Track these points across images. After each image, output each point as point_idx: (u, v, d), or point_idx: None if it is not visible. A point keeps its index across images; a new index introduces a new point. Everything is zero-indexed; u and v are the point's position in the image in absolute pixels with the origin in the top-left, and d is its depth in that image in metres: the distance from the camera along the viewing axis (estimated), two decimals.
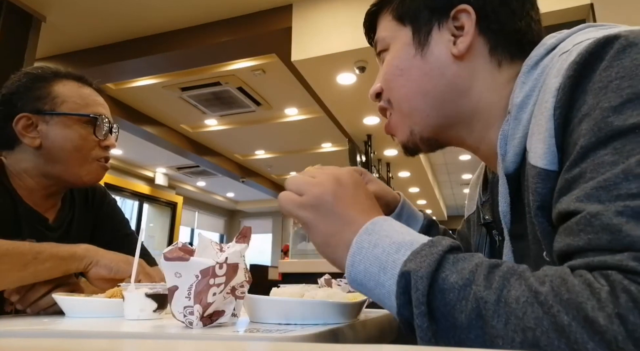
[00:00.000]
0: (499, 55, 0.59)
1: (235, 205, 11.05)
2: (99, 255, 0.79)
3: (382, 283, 0.43)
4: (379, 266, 0.44)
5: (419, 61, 0.61)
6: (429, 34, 0.61)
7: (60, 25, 3.52)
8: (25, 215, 0.91)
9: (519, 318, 0.34)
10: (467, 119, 0.60)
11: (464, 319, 0.36)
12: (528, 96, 0.51)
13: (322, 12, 3.14)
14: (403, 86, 0.62)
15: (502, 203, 0.55)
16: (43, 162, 0.92)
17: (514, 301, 0.34)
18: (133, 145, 6.26)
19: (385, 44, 0.65)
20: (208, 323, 0.51)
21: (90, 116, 0.96)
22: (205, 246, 0.53)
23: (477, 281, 0.37)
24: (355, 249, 0.46)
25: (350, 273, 0.47)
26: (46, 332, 0.53)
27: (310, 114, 5.30)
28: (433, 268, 0.39)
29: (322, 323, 0.54)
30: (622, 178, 0.36)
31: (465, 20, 0.58)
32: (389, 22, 0.65)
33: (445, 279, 0.39)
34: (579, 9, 2.56)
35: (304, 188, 0.52)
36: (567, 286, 0.33)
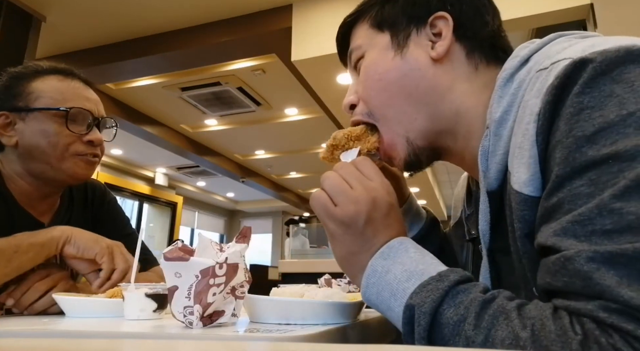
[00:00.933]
0: (476, 59, 0.60)
1: (235, 205, 11.05)
2: (72, 235, 0.79)
3: (392, 308, 0.47)
4: (390, 291, 0.47)
5: (399, 62, 0.61)
6: (407, 38, 0.61)
7: (60, 25, 3.52)
8: (19, 220, 0.90)
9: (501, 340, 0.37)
10: (450, 125, 0.60)
11: None
12: (506, 112, 0.51)
13: (322, 12, 3.14)
14: (384, 90, 0.62)
15: (482, 221, 0.55)
16: (25, 161, 0.91)
17: (499, 343, 0.37)
18: (133, 145, 6.26)
19: (361, 52, 0.65)
20: (208, 323, 0.51)
21: (61, 109, 0.90)
22: (205, 246, 0.53)
23: (468, 319, 0.40)
24: (369, 272, 0.50)
25: (365, 294, 0.50)
26: (46, 332, 0.53)
27: (310, 114, 5.30)
28: (436, 304, 0.42)
29: (322, 323, 0.54)
30: (597, 213, 0.37)
31: (442, 26, 0.60)
32: (365, 31, 0.65)
33: (442, 313, 0.42)
34: (579, 9, 2.56)
35: (340, 199, 0.53)
36: (545, 332, 0.36)
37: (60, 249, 0.78)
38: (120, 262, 0.80)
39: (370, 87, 0.63)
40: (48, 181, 0.93)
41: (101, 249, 0.79)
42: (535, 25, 2.85)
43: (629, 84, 0.39)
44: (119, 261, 0.80)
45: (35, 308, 0.74)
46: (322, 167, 0.66)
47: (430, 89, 0.60)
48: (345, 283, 0.86)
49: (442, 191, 8.72)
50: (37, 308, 0.74)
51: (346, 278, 0.85)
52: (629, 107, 0.38)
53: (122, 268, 0.79)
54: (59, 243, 0.78)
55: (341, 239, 0.53)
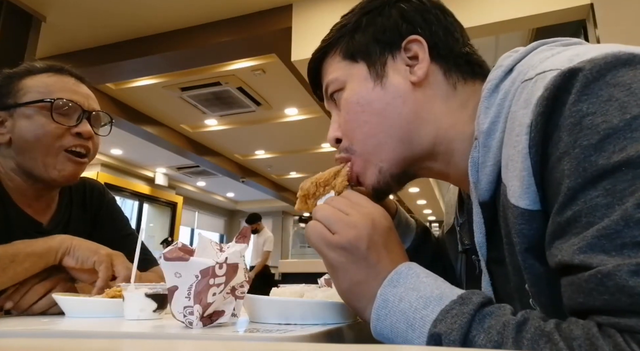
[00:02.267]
0: (454, 78, 0.60)
1: (235, 205, 11.05)
2: (71, 245, 0.79)
3: (410, 341, 0.43)
4: (406, 322, 0.44)
5: (380, 92, 0.60)
6: (384, 66, 0.61)
7: (60, 25, 3.52)
8: (16, 219, 0.89)
9: None
10: (429, 148, 0.60)
11: None
12: (494, 122, 0.50)
13: (322, 12, 3.14)
14: (366, 122, 0.60)
15: (477, 233, 0.54)
16: (17, 158, 0.91)
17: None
18: (133, 145, 6.26)
19: (339, 84, 0.63)
20: (208, 323, 0.51)
21: (45, 100, 0.90)
22: (205, 246, 0.53)
23: (505, 345, 0.37)
24: (380, 303, 0.46)
25: (376, 328, 0.46)
26: (46, 332, 0.53)
27: (310, 114, 5.30)
28: (465, 330, 0.39)
29: (322, 323, 0.54)
30: (623, 225, 0.35)
31: (417, 49, 0.59)
32: (338, 63, 0.64)
33: (473, 340, 0.39)
34: (579, 9, 2.56)
35: (338, 227, 0.51)
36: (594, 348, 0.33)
37: (59, 260, 0.78)
38: (121, 269, 0.79)
39: (353, 120, 0.62)
40: (38, 179, 0.92)
41: (99, 257, 0.78)
42: (535, 25, 2.86)
43: (626, 87, 0.39)
44: (120, 268, 0.79)
45: (34, 310, 0.74)
46: (322, 167, 0.66)
47: (413, 115, 0.59)
48: None
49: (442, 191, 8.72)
50: (36, 310, 0.74)
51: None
52: (632, 111, 0.37)
53: (123, 276, 0.78)
54: (58, 253, 0.78)
55: (344, 268, 0.50)
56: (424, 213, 12.36)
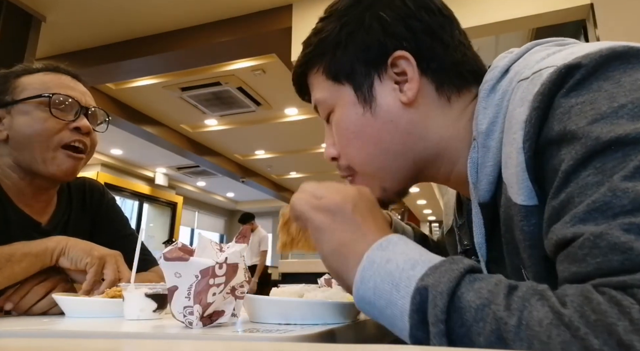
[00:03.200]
0: (447, 92, 0.57)
1: (235, 205, 11.06)
2: (67, 246, 0.79)
3: (394, 302, 0.40)
4: (391, 282, 0.41)
5: (370, 119, 0.57)
6: (371, 88, 0.58)
7: (60, 25, 3.52)
8: (15, 219, 0.89)
9: (543, 343, 0.31)
10: (431, 160, 0.59)
11: (483, 342, 0.34)
12: (493, 123, 0.50)
13: (322, 12, 3.14)
14: (360, 148, 0.59)
15: (477, 234, 0.54)
16: (14, 154, 0.91)
17: (537, 324, 0.32)
18: (133, 145, 6.26)
19: (328, 106, 0.62)
20: (208, 323, 0.51)
21: (43, 95, 0.90)
22: (204, 246, 0.53)
23: (495, 301, 0.35)
24: (366, 264, 0.43)
25: (359, 290, 0.43)
26: (46, 332, 0.53)
27: (310, 114, 5.30)
28: (454, 284, 0.37)
29: (322, 323, 0.54)
30: (611, 196, 0.35)
31: (405, 67, 0.56)
32: (323, 83, 0.61)
33: (461, 297, 0.36)
34: (579, 9, 2.56)
35: (324, 192, 0.51)
36: (592, 306, 0.31)
37: (55, 261, 0.78)
38: (110, 273, 0.78)
39: (347, 145, 0.60)
40: (36, 175, 0.92)
41: (91, 260, 0.78)
42: (535, 25, 2.86)
43: (615, 80, 0.39)
44: (108, 272, 0.78)
45: (34, 311, 0.74)
46: (322, 167, 0.67)
47: (407, 136, 0.57)
48: None
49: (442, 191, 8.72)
50: (37, 310, 0.74)
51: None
52: (620, 100, 0.38)
53: (109, 280, 0.78)
54: (54, 254, 0.77)
55: (330, 229, 0.48)
56: (424, 212, 12.35)
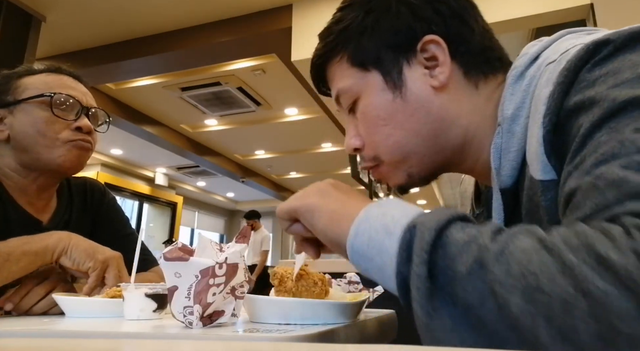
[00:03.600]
0: (474, 77, 0.57)
1: (235, 205, 11.05)
2: (70, 246, 0.77)
3: (385, 250, 0.39)
4: (385, 231, 0.39)
5: (401, 104, 0.56)
6: (400, 73, 0.56)
7: (60, 25, 3.52)
8: (16, 218, 0.89)
9: (522, 264, 0.31)
10: (459, 147, 0.58)
11: (464, 270, 0.33)
12: (519, 108, 0.50)
13: (322, 12, 3.14)
14: (390, 135, 0.57)
15: (496, 219, 0.54)
16: (16, 154, 0.91)
17: (519, 251, 0.31)
18: (133, 145, 6.26)
19: (353, 95, 0.59)
20: (208, 323, 0.51)
21: (45, 95, 0.91)
22: (204, 246, 0.53)
23: (483, 236, 0.34)
24: (362, 217, 0.42)
25: (353, 244, 0.42)
26: (46, 332, 0.53)
27: (310, 114, 5.30)
28: (442, 224, 0.36)
29: (322, 323, 0.54)
30: (619, 146, 0.34)
31: (435, 51, 0.55)
32: (347, 70, 0.59)
33: (449, 235, 0.36)
34: (579, 9, 2.56)
35: (301, 191, 0.52)
36: (576, 231, 0.31)
37: (55, 259, 0.77)
38: (111, 278, 0.78)
39: (376, 133, 0.58)
40: (41, 171, 0.92)
41: (94, 264, 0.77)
42: (535, 25, 2.86)
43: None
44: (109, 277, 0.78)
45: (34, 311, 0.74)
46: (322, 167, 0.67)
47: (439, 121, 0.56)
48: (345, 283, 0.86)
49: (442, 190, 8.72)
50: (37, 311, 0.74)
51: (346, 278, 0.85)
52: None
53: (109, 286, 0.77)
54: (55, 252, 0.76)
55: (318, 206, 0.48)
56: None
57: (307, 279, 0.59)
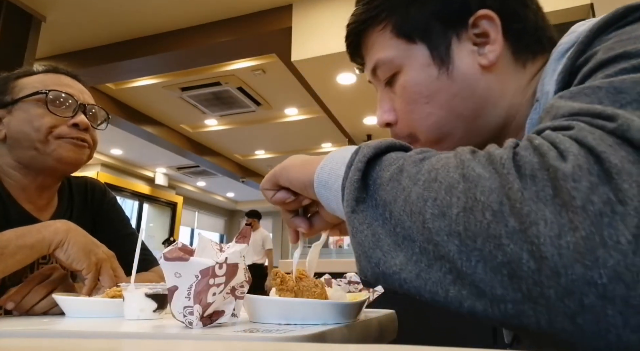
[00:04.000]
0: (523, 57, 0.54)
1: (235, 205, 11.05)
2: (65, 240, 0.76)
3: (339, 174, 0.42)
4: (342, 161, 0.43)
5: (445, 82, 0.53)
6: (448, 49, 0.53)
7: (60, 25, 3.52)
8: (16, 217, 0.89)
9: (431, 164, 0.35)
10: (499, 129, 0.56)
11: (387, 175, 0.37)
12: None
13: (322, 12, 3.14)
14: (430, 114, 0.55)
15: None
16: (14, 152, 0.92)
17: (436, 158, 0.36)
18: (133, 145, 6.26)
19: (395, 67, 0.56)
20: (208, 323, 0.51)
21: (41, 92, 0.91)
22: (204, 246, 0.53)
23: (413, 153, 0.39)
24: (328, 156, 0.46)
25: (318, 176, 0.46)
26: (46, 332, 0.53)
27: (310, 114, 5.30)
28: (384, 146, 0.40)
29: (322, 323, 0.54)
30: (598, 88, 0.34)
31: (488, 27, 0.52)
32: (390, 41, 0.56)
33: (387, 155, 0.40)
34: (579, 9, 2.56)
35: None
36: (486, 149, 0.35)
37: (52, 251, 0.76)
38: (107, 279, 0.77)
39: (415, 111, 0.56)
40: (39, 169, 0.92)
41: (89, 265, 0.76)
42: None
43: None
44: (105, 279, 0.77)
45: (35, 310, 0.74)
46: None
47: (483, 102, 0.54)
48: (345, 283, 0.86)
49: None
50: (38, 310, 0.74)
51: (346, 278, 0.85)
52: None
53: (106, 287, 0.76)
54: (51, 245, 0.75)
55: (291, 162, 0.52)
56: None
57: (307, 281, 0.60)
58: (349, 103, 3.96)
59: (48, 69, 0.99)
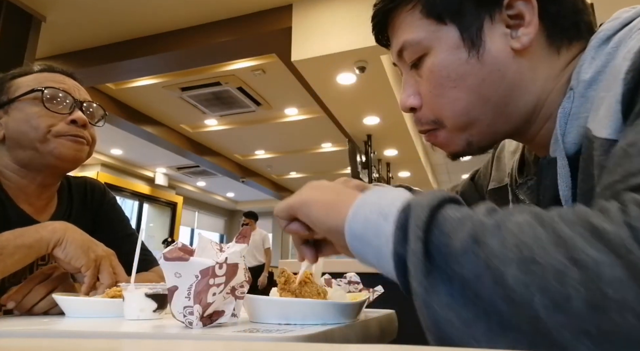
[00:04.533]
0: (558, 42, 0.52)
1: (235, 205, 11.05)
2: (63, 238, 0.76)
3: (381, 231, 0.38)
4: (380, 213, 0.39)
5: (475, 66, 0.51)
6: (480, 31, 0.51)
7: (60, 25, 3.52)
8: (15, 219, 0.88)
9: (515, 236, 0.31)
10: (527, 116, 0.54)
11: (459, 245, 0.33)
12: (599, 72, 0.45)
13: (322, 12, 3.14)
14: (458, 98, 0.53)
15: (562, 187, 0.49)
16: (13, 152, 0.91)
17: (514, 225, 0.31)
18: (133, 145, 6.26)
19: (422, 49, 0.54)
20: (208, 323, 0.51)
21: (36, 90, 0.91)
22: (204, 246, 0.53)
23: (477, 213, 0.34)
24: (358, 202, 0.42)
25: (351, 225, 0.41)
26: (46, 332, 0.53)
27: (310, 114, 5.30)
28: (436, 203, 0.36)
29: (322, 323, 0.54)
30: None
31: (523, 9, 0.50)
32: (419, 21, 0.53)
33: (444, 214, 0.35)
34: None
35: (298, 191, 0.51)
36: (574, 209, 0.31)
37: (50, 250, 0.76)
38: (106, 276, 0.77)
39: (441, 95, 0.54)
40: (38, 169, 0.92)
41: (87, 262, 0.76)
42: None
43: None
44: (104, 276, 0.77)
45: (35, 310, 0.74)
46: (322, 167, 0.67)
47: (513, 88, 0.52)
48: (345, 283, 0.86)
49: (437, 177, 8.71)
50: (38, 310, 0.74)
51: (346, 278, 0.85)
52: None
53: (106, 284, 0.77)
54: (50, 244, 0.75)
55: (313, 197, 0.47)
56: None
57: (310, 287, 0.59)
58: (349, 103, 3.95)
59: (43, 68, 0.99)
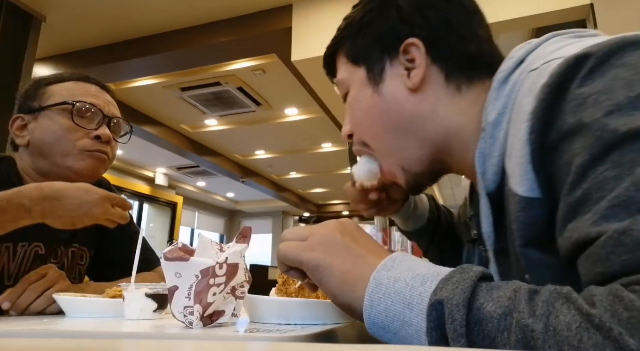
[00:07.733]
0: (456, 81, 0.58)
1: (235, 205, 11.05)
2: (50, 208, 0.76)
3: (408, 322, 0.37)
4: (402, 302, 0.38)
5: (377, 99, 0.60)
6: (382, 71, 0.60)
7: (60, 25, 3.52)
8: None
9: (574, 347, 0.29)
10: (443, 143, 0.59)
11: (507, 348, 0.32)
12: (501, 114, 0.50)
13: (322, 12, 3.14)
14: (369, 127, 0.62)
15: (484, 223, 0.53)
16: (34, 159, 0.92)
17: (565, 328, 0.30)
18: (133, 145, 6.26)
19: (345, 87, 0.64)
20: (208, 323, 0.51)
21: (68, 102, 0.92)
22: (205, 246, 0.53)
23: (518, 308, 0.33)
24: (373, 287, 0.40)
25: (370, 316, 0.40)
26: (46, 332, 0.53)
27: (310, 114, 5.30)
28: (469, 294, 0.35)
29: (322, 323, 0.54)
30: (634, 191, 0.33)
31: (415, 53, 0.58)
32: (344, 65, 0.64)
33: (480, 308, 0.34)
34: (579, 9, 2.56)
35: (307, 231, 0.49)
36: (624, 304, 0.29)
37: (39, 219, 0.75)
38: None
39: (358, 124, 0.63)
40: (55, 179, 0.93)
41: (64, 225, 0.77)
42: (535, 25, 2.85)
43: (631, 66, 0.38)
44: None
45: (32, 309, 0.74)
46: (322, 167, 0.67)
47: (413, 118, 0.59)
48: None
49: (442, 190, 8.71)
50: (34, 309, 0.74)
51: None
52: (637, 89, 0.36)
53: None
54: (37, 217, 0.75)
55: (328, 263, 0.45)
56: None
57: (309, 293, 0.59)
58: None
59: (78, 76, 0.99)
